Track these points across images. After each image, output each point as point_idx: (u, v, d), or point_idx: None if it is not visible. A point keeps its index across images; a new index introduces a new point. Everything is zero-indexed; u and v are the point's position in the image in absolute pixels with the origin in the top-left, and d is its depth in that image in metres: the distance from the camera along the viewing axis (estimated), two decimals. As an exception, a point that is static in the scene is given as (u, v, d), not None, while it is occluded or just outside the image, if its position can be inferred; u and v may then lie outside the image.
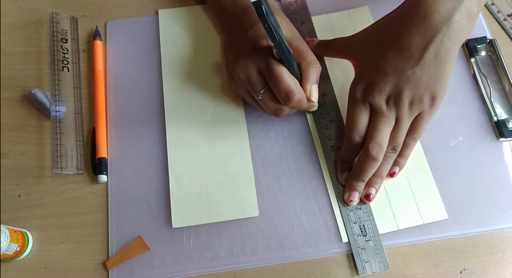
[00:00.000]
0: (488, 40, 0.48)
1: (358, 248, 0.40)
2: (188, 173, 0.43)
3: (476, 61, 0.47)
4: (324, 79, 0.47)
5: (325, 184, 0.43)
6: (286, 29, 0.42)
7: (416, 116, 0.40)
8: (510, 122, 0.44)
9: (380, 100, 0.39)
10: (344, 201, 0.42)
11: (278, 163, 0.44)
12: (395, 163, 0.42)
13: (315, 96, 0.42)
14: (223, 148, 0.44)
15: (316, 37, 0.49)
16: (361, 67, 0.42)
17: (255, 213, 0.42)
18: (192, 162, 0.44)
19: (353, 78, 0.42)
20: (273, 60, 0.39)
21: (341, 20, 0.50)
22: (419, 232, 0.41)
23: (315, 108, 0.44)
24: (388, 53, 0.39)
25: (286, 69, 0.40)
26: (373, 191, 0.41)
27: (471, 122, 0.45)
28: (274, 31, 0.36)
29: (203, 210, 0.42)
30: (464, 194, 0.43)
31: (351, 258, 0.41)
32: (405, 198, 0.42)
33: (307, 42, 0.47)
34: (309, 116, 0.46)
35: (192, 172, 0.43)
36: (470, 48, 0.48)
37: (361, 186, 0.41)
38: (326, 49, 0.46)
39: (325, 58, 0.48)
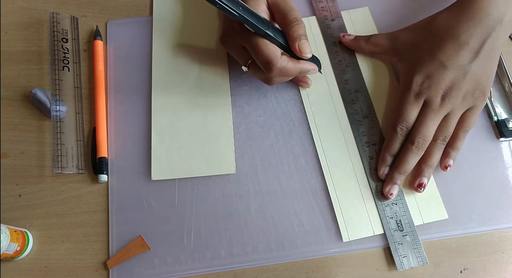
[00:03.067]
0: (488, 40, 0.48)
1: (395, 243, 0.40)
2: (171, 129, 0.45)
3: (476, 61, 0.48)
4: (356, 76, 0.47)
5: (325, 183, 0.43)
6: None
7: (468, 110, 0.42)
8: (510, 122, 0.45)
9: (436, 95, 0.41)
10: (383, 195, 0.42)
11: (278, 162, 0.44)
12: (448, 155, 0.42)
13: (306, 51, 0.40)
14: (205, 105, 0.46)
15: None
16: (413, 61, 0.43)
17: (232, 170, 0.43)
18: (175, 118, 0.46)
19: (387, 72, 0.45)
20: (250, 33, 0.39)
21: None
22: (419, 231, 0.41)
23: (314, 71, 0.43)
24: (446, 47, 0.41)
25: (265, 40, 0.39)
26: (425, 180, 0.41)
27: (471, 122, 0.45)
28: (230, 9, 0.36)
29: (183, 165, 0.44)
30: (464, 193, 0.43)
31: (350, 257, 0.41)
32: (405, 198, 0.42)
33: (342, 36, 0.48)
34: (309, 115, 0.46)
35: (174, 127, 0.45)
36: (470, 48, 0.48)
37: (401, 179, 0.41)
38: (366, 43, 0.47)
39: (356, 54, 0.48)
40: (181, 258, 0.41)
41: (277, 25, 0.41)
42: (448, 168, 0.42)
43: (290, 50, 0.41)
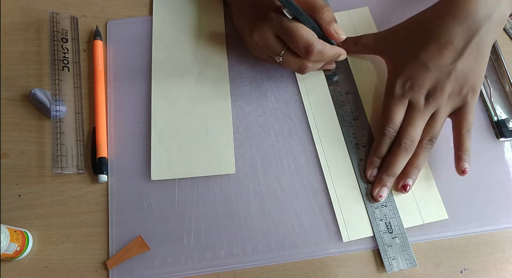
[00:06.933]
0: (488, 40, 0.48)
1: (385, 245, 0.40)
2: (170, 129, 0.45)
3: (476, 61, 0.48)
4: (347, 78, 0.47)
5: (325, 183, 0.43)
6: None
7: (460, 109, 0.41)
8: (510, 122, 0.45)
9: (420, 96, 0.40)
10: (372, 197, 0.42)
11: (278, 162, 0.44)
12: (461, 159, 0.40)
13: (340, 32, 0.42)
14: (205, 105, 0.46)
15: None
16: (397, 62, 0.43)
17: (232, 170, 0.43)
18: (174, 119, 0.45)
19: (377, 73, 0.45)
20: (286, 19, 0.40)
21: (341, 20, 0.50)
22: (419, 231, 0.41)
23: (343, 56, 0.44)
24: (428, 47, 0.40)
25: (301, 25, 0.40)
26: (410, 181, 0.41)
27: (471, 122, 0.45)
28: None
29: (182, 165, 0.44)
30: (464, 193, 0.43)
31: (351, 257, 0.41)
32: (406, 198, 0.42)
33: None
34: (309, 115, 0.46)
35: (174, 127, 0.45)
36: (470, 48, 0.48)
37: (391, 181, 0.41)
38: (355, 45, 0.46)
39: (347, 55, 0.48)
40: (181, 258, 0.41)
41: None
42: (466, 171, 0.40)
43: (322, 36, 0.42)
